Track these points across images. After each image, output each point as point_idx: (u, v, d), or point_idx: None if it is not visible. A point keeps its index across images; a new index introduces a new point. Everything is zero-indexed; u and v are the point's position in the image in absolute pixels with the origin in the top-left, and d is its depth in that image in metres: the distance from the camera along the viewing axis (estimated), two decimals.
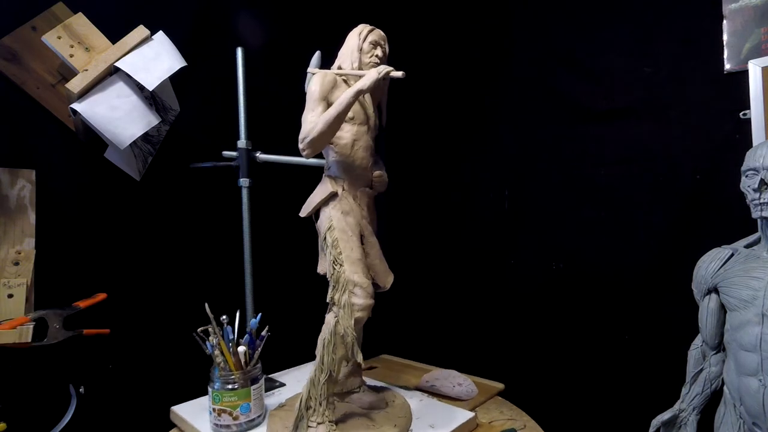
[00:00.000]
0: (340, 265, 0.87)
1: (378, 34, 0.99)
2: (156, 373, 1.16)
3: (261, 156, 1.21)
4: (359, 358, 0.87)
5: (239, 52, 1.19)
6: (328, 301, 0.88)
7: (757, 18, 0.91)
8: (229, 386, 0.91)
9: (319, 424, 0.86)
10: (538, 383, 1.26)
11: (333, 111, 0.86)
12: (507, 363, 1.35)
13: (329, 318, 0.88)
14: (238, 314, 1.04)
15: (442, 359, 1.39)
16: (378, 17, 0.97)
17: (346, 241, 0.89)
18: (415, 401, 1.06)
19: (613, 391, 1.13)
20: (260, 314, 1.04)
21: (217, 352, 0.93)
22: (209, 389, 0.92)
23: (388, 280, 0.98)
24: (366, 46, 0.97)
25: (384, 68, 0.88)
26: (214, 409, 0.91)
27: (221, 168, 1.19)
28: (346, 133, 0.94)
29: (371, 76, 0.87)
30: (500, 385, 1.22)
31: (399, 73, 0.88)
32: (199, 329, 0.95)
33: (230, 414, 0.90)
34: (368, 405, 0.96)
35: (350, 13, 0.95)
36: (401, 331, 1.63)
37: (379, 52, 0.98)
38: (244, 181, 1.18)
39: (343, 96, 0.87)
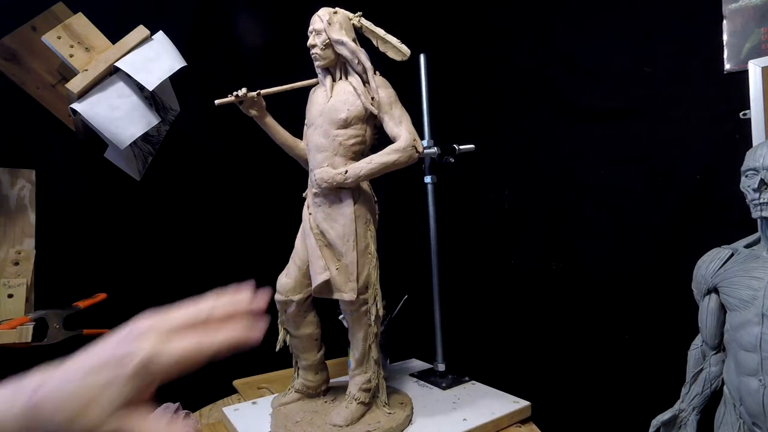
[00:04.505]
0: None
1: (312, 20, 0.90)
2: None
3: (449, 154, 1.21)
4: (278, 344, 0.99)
5: (422, 58, 1.22)
6: None
7: (757, 18, 0.91)
8: None
9: (290, 387, 1.03)
10: (536, 382, 1.25)
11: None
12: (505, 362, 1.35)
13: None
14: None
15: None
16: (377, 16, 0.96)
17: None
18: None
19: (612, 391, 1.13)
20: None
21: None
22: None
23: (313, 284, 0.91)
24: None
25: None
26: None
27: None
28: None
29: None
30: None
31: (225, 99, 0.97)
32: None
33: None
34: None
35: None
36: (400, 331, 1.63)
37: (309, 42, 0.90)
38: (432, 178, 1.24)
39: None
